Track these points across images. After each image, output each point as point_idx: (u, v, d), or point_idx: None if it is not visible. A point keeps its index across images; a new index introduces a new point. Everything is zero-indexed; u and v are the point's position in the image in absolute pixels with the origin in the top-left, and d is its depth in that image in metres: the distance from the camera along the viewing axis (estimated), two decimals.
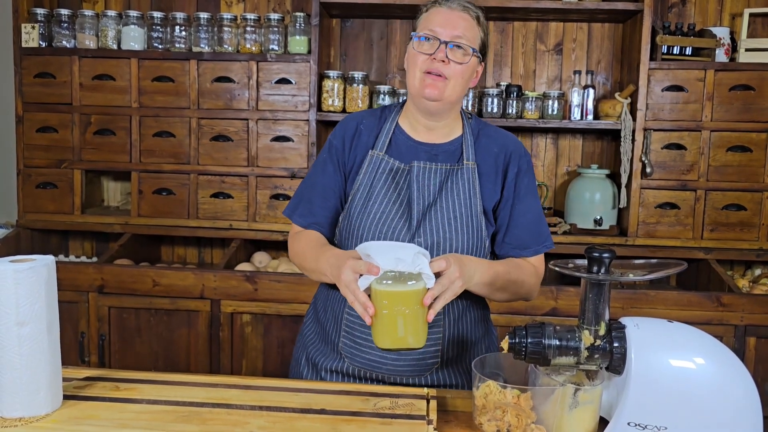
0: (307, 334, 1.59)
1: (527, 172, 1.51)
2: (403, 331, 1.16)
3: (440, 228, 1.42)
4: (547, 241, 1.52)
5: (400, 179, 1.46)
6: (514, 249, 1.49)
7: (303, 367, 1.56)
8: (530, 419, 1.10)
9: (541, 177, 3.22)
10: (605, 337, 1.11)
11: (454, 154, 1.49)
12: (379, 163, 1.47)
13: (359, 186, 1.47)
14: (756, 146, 2.82)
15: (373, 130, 1.51)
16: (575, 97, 2.97)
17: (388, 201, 1.44)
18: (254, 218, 2.97)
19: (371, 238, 1.42)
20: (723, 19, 3.06)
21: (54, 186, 3.03)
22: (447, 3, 1.44)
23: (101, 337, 2.70)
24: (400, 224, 1.42)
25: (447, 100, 1.42)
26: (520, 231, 1.48)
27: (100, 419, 1.15)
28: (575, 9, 2.87)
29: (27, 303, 1.11)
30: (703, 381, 1.06)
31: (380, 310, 1.16)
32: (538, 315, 2.56)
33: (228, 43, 2.95)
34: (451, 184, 1.45)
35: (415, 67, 1.42)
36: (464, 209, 1.44)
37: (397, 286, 1.16)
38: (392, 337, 1.17)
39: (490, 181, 1.48)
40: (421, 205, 1.43)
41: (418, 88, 1.41)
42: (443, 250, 1.41)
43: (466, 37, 1.41)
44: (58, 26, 2.97)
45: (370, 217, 1.43)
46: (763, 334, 2.53)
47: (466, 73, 1.43)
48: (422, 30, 1.43)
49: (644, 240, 2.88)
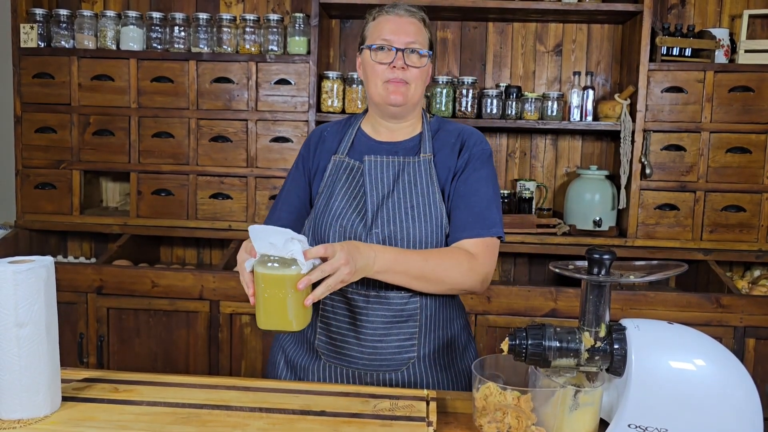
0: (283, 336, 1.61)
1: (479, 158, 1.50)
2: (279, 313, 1.19)
3: (396, 218, 1.44)
4: (494, 228, 1.44)
5: (356, 174, 1.51)
6: (454, 231, 1.45)
7: (281, 369, 1.57)
8: (530, 421, 1.10)
9: (541, 178, 3.22)
10: (606, 339, 1.11)
11: (412, 149, 1.54)
12: (340, 165, 1.53)
13: (323, 189, 1.53)
14: (755, 147, 2.82)
15: (337, 136, 1.59)
16: (575, 98, 2.97)
17: (347, 197, 1.49)
18: (253, 219, 2.97)
19: (332, 234, 1.46)
20: (722, 21, 3.06)
21: (53, 186, 3.02)
22: (393, 10, 1.50)
23: (100, 338, 2.70)
24: (356, 219, 1.46)
25: (410, 102, 1.49)
26: (461, 212, 1.46)
27: (99, 421, 1.14)
28: (575, 10, 2.87)
29: (26, 304, 1.11)
30: (704, 383, 1.06)
31: (259, 291, 1.20)
32: (537, 316, 2.56)
33: (227, 43, 2.95)
34: (407, 176, 1.49)
35: (375, 77, 1.48)
36: (422, 198, 1.46)
37: (269, 269, 1.18)
38: (268, 318, 1.20)
39: (446, 170, 1.51)
40: (375, 197, 1.47)
41: (383, 96, 1.48)
42: (400, 239, 1.43)
43: (418, 41, 1.48)
44: (57, 26, 2.97)
45: (331, 214, 1.48)
46: (762, 336, 2.53)
47: (424, 75, 1.50)
48: (374, 39, 1.48)
49: (644, 241, 2.88)
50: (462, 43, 3.18)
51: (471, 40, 3.18)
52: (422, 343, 1.47)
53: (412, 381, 1.46)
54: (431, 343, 1.48)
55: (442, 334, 1.50)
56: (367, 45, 1.50)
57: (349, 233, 1.45)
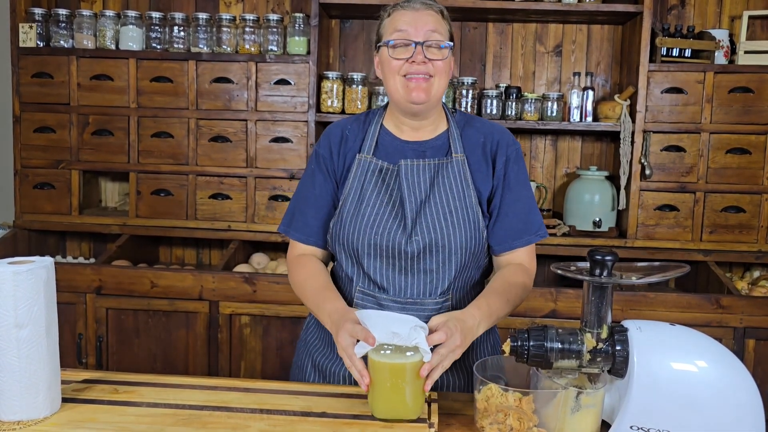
0: (310, 340, 1.56)
1: (516, 161, 1.48)
2: (399, 402, 1.16)
3: (436, 225, 1.40)
4: (540, 230, 1.48)
5: (390, 180, 1.44)
6: (506, 239, 1.45)
7: (309, 374, 1.53)
8: (532, 422, 1.10)
9: (540, 179, 3.22)
10: (607, 340, 1.11)
11: (441, 149, 1.47)
12: (368, 166, 1.45)
13: (350, 191, 1.45)
14: (755, 148, 2.82)
15: (359, 135, 1.50)
16: (574, 98, 2.97)
17: (380, 203, 1.42)
18: (253, 219, 2.97)
19: (365, 242, 1.40)
20: (722, 22, 3.06)
21: (51, 186, 3.02)
22: (409, 4, 1.43)
23: (99, 339, 2.69)
24: (394, 226, 1.40)
25: (434, 99, 1.42)
26: (511, 220, 1.45)
27: (99, 422, 1.14)
28: (575, 11, 2.86)
29: (26, 305, 1.10)
30: (706, 384, 1.06)
31: (376, 379, 1.16)
32: (537, 317, 2.55)
33: (227, 43, 2.94)
34: (442, 178, 1.43)
35: (394, 74, 1.41)
36: (458, 202, 1.42)
37: (393, 357, 1.15)
38: (387, 408, 1.17)
39: (480, 171, 1.46)
40: (413, 203, 1.41)
41: (403, 94, 1.40)
42: (441, 247, 1.39)
43: (438, 32, 1.40)
44: (56, 26, 2.96)
45: (363, 221, 1.41)
46: (762, 336, 2.53)
47: (447, 68, 1.43)
48: (391, 35, 1.41)
49: (643, 242, 2.88)
50: (462, 44, 3.17)
51: (471, 41, 3.17)
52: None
53: (438, 387, 1.42)
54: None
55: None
56: (384, 42, 1.42)
57: (387, 242, 1.40)
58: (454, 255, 1.40)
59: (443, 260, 1.40)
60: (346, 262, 1.46)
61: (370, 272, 1.42)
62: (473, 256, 1.43)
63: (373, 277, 1.42)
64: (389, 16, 1.44)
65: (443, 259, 1.40)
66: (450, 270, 1.41)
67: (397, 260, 1.40)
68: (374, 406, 1.18)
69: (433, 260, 1.40)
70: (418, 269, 1.40)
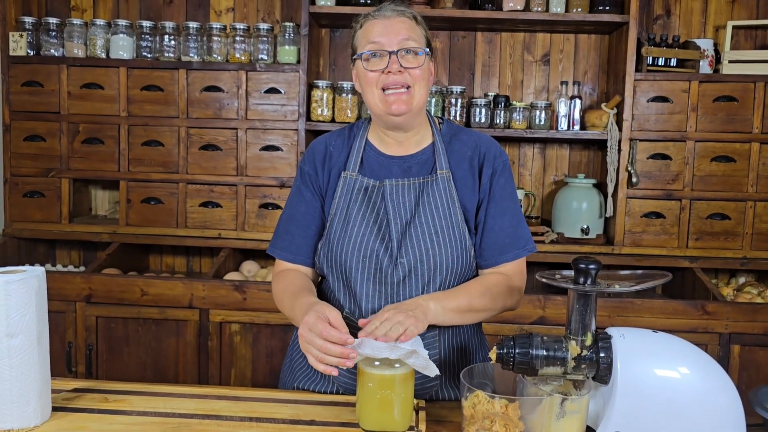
0: (296, 358, 1.53)
1: (502, 173, 1.45)
2: (387, 414, 1.17)
3: (422, 244, 1.37)
4: (528, 245, 1.45)
5: (377, 198, 1.41)
6: (492, 254, 1.42)
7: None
8: (518, 429, 1.11)
9: (529, 186, 3.24)
10: (592, 348, 1.13)
11: (426, 164, 1.44)
12: (354, 184, 1.43)
13: (336, 210, 1.43)
14: (740, 156, 2.86)
15: (343, 150, 1.47)
16: (562, 107, 3.00)
17: (366, 223, 1.40)
18: (243, 227, 2.98)
19: (353, 263, 1.39)
20: (707, 31, 3.10)
21: (41, 195, 3.01)
22: (380, 13, 1.39)
23: (89, 347, 2.69)
24: (380, 247, 1.38)
25: (415, 108, 1.38)
26: (497, 234, 1.42)
27: (89, 431, 1.15)
28: (562, 20, 2.90)
29: (17, 314, 1.11)
30: (688, 390, 1.08)
31: (365, 391, 1.17)
32: (525, 323, 2.57)
33: (217, 52, 2.95)
34: (427, 197, 1.40)
35: (371, 87, 1.37)
36: (444, 221, 1.40)
37: (383, 369, 1.16)
38: (375, 420, 1.18)
39: (467, 187, 1.43)
40: (399, 224, 1.39)
41: (382, 107, 1.37)
42: (427, 266, 1.37)
43: (412, 38, 1.37)
44: (47, 34, 2.97)
45: (351, 242, 1.39)
46: (747, 342, 2.56)
47: (426, 75, 1.40)
48: (364, 46, 1.38)
49: (630, 249, 2.91)
50: (451, 53, 3.20)
51: (459, 50, 3.20)
52: (443, 367, 1.44)
53: (434, 399, 1.43)
54: (453, 365, 1.46)
55: (463, 350, 1.47)
56: (358, 54, 1.38)
57: (374, 263, 1.38)
58: (439, 275, 1.39)
59: (428, 281, 1.38)
60: (335, 283, 1.44)
61: (361, 302, 1.40)
62: (459, 276, 1.42)
63: (359, 302, 1.40)
64: (361, 27, 1.42)
65: (428, 281, 1.38)
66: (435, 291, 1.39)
67: (383, 286, 1.39)
68: (362, 417, 1.19)
69: (419, 284, 1.38)
70: (404, 296, 1.38)
